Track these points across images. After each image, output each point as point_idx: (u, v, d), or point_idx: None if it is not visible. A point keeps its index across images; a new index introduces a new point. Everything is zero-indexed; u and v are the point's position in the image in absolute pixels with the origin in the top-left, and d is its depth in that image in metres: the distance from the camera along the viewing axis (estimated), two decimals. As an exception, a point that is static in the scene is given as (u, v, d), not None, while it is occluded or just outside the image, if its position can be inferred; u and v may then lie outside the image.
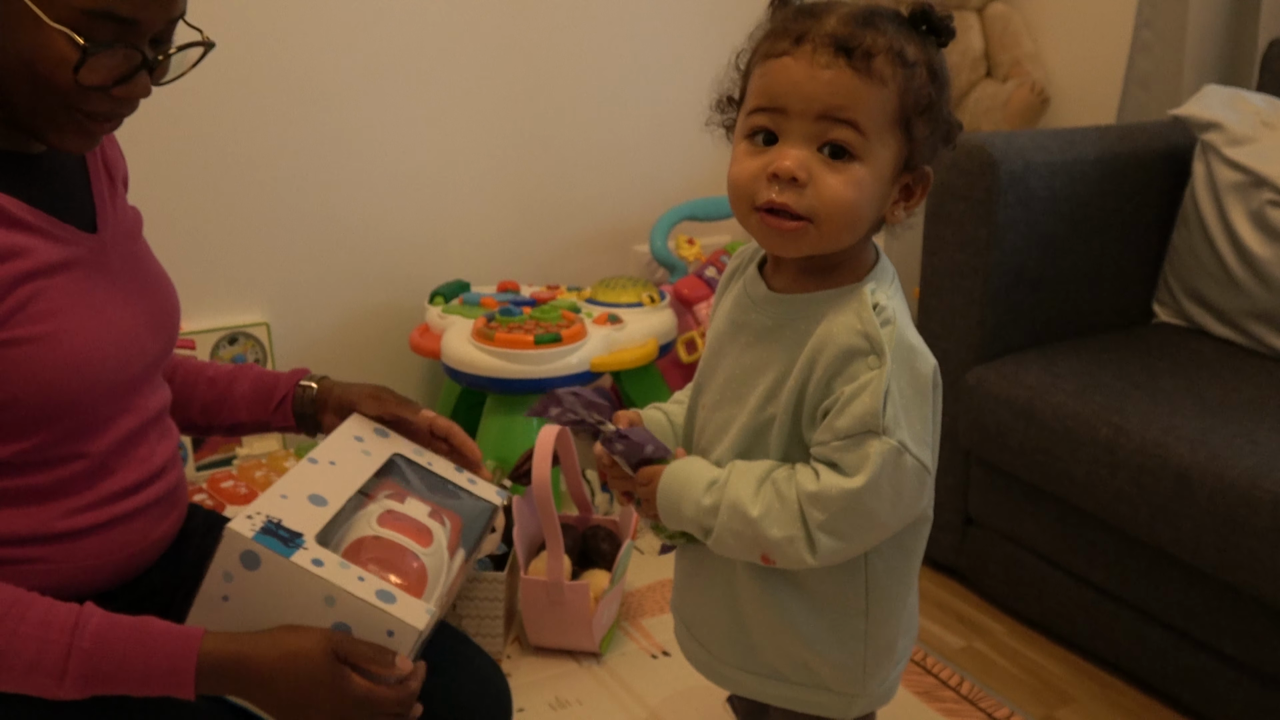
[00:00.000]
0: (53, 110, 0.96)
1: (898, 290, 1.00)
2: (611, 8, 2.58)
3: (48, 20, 0.91)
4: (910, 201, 0.98)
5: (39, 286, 0.97)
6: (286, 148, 2.29)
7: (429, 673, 1.15)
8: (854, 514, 0.95)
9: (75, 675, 0.93)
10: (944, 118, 0.96)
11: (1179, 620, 1.68)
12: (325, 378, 1.28)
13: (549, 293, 2.43)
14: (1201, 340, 2.00)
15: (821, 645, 1.04)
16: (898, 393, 0.93)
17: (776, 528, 0.96)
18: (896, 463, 0.94)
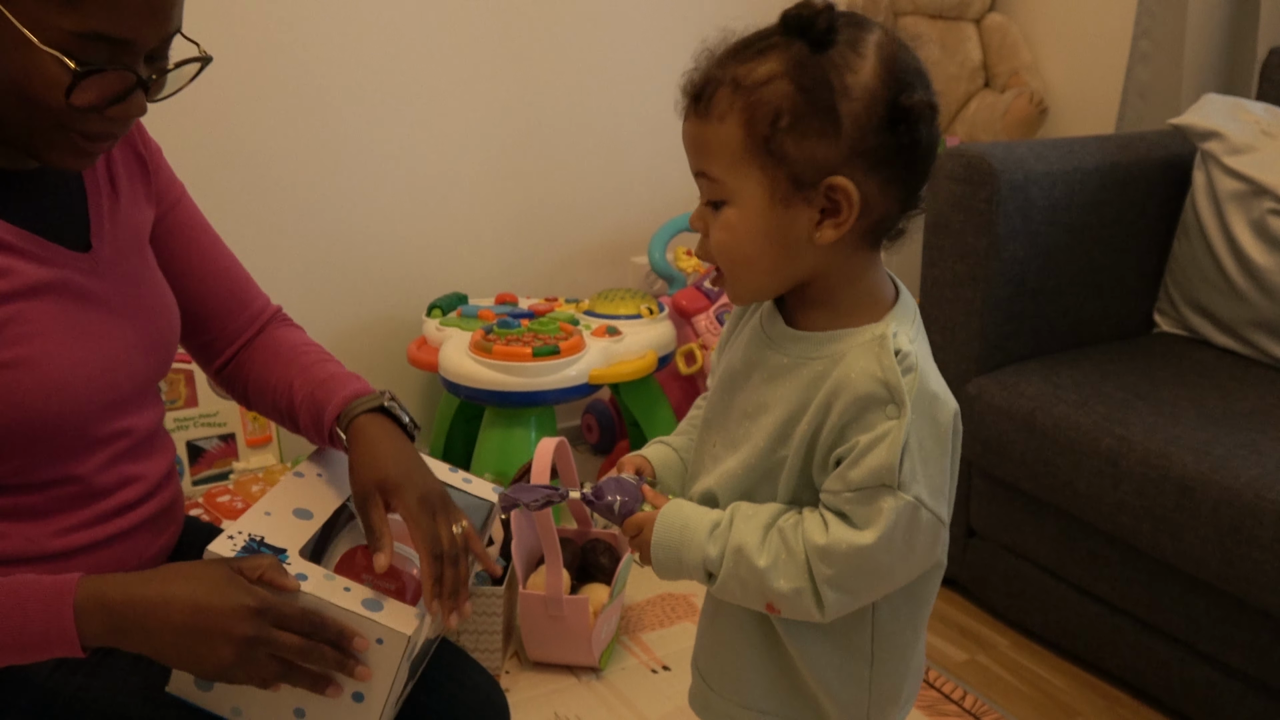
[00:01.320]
0: (47, 131, 0.95)
1: (920, 330, 0.94)
2: (610, 20, 2.58)
3: (38, 43, 0.89)
4: (838, 219, 0.88)
5: (19, 309, 0.96)
6: (283, 160, 2.29)
7: (427, 690, 1.15)
8: (863, 570, 0.91)
9: None
10: (831, 121, 0.86)
11: (1183, 632, 1.67)
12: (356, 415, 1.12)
13: (547, 305, 2.42)
14: (1203, 350, 1.99)
15: (827, 687, 1.00)
16: (917, 446, 0.88)
17: (784, 580, 0.92)
18: (911, 519, 0.89)
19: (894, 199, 0.90)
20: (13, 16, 0.88)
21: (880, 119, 0.85)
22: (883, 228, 0.92)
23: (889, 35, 0.88)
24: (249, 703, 1.01)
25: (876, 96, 0.85)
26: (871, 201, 0.88)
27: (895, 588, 0.96)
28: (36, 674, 1.00)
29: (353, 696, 1.00)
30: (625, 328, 2.30)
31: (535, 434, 2.18)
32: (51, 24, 0.89)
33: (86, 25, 0.89)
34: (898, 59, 0.87)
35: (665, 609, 2.05)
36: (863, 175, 0.87)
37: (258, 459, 2.23)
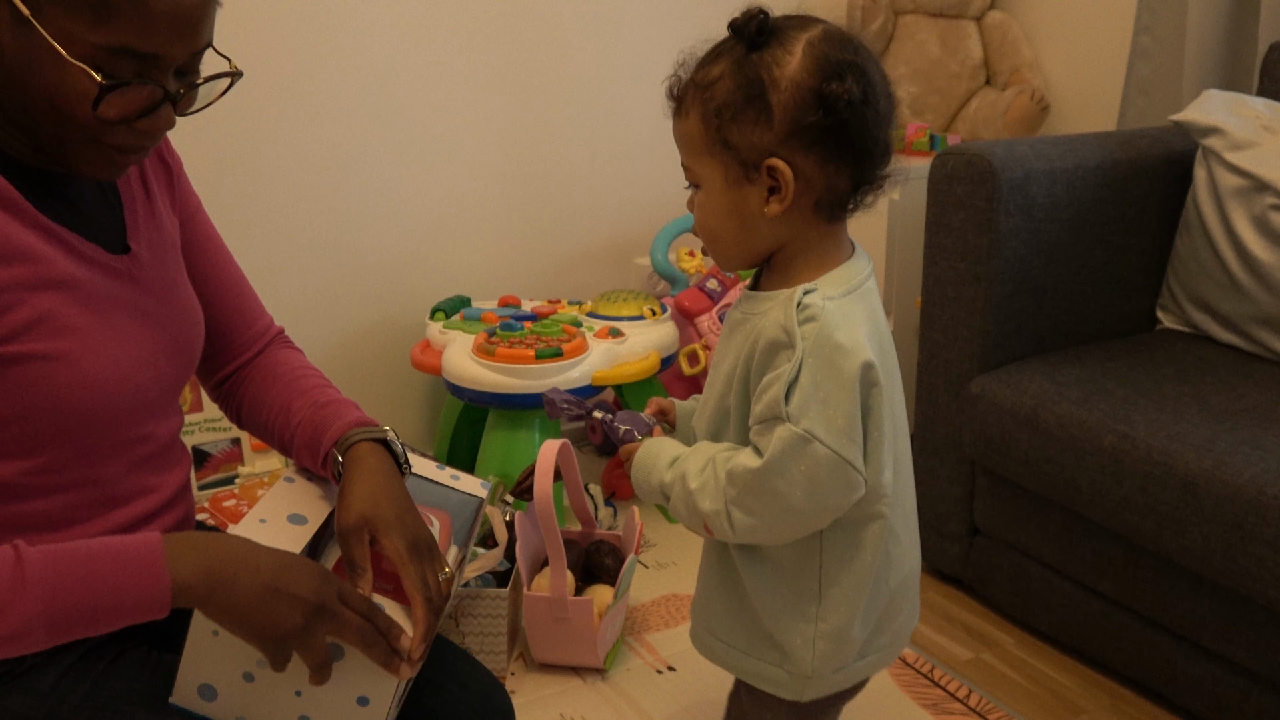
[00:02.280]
0: (76, 143, 0.96)
1: (858, 296, 1.07)
2: (611, 22, 2.58)
3: (67, 57, 0.90)
4: (780, 194, 1.02)
5: (59, 302, 0.96)
6: (286, 165, 2.30)
7: (433, 692, 1.15)
8: (759, 493, 1.04)
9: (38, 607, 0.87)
10: (764, 111, 1.00)
11: (1188, 629, 1.67)
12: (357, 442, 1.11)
13: (550, 307, 2.42)
14: (1206, 346, 1.99)
15: (778, 621, 1.12)
16: (810, 384, 1.01)
17: (708, 501, 1.07)
18: (803, 450, 1.01)
19: (836, 175, 1.03)
20: (43, 29, 0.90)
21: (806, 105, 0.99)
22: (831, 201, 1.05)
23: (825, 33, 1.02)
24: (254, 710, 1.01)
25: (802, 86, 0.99)
26: (811, 178, 1.02)
27: (811, 522, 1.07)
28: (43, 680, 1.00)
29: (358, 701, 1.00)
30: (628, 329, 2.30)
31: (539, 436, 2.18)
32: (81, 38, 0.90)
33: (116, 40, 0.90)
34: (825, 54, 1.00)
35: (670, 609, 2.05)
36: (799, 156, 1.01)
37: (263, 463, 2.24)
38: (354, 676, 1.00)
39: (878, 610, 1.14)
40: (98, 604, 0.88)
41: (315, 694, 1.00)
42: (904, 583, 1.17)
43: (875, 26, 2.81)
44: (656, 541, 2.28)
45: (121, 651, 1.05)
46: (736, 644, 1.16)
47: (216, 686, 1.00)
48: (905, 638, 1.21)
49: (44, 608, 0.86)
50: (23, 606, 0.86)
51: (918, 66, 2.78)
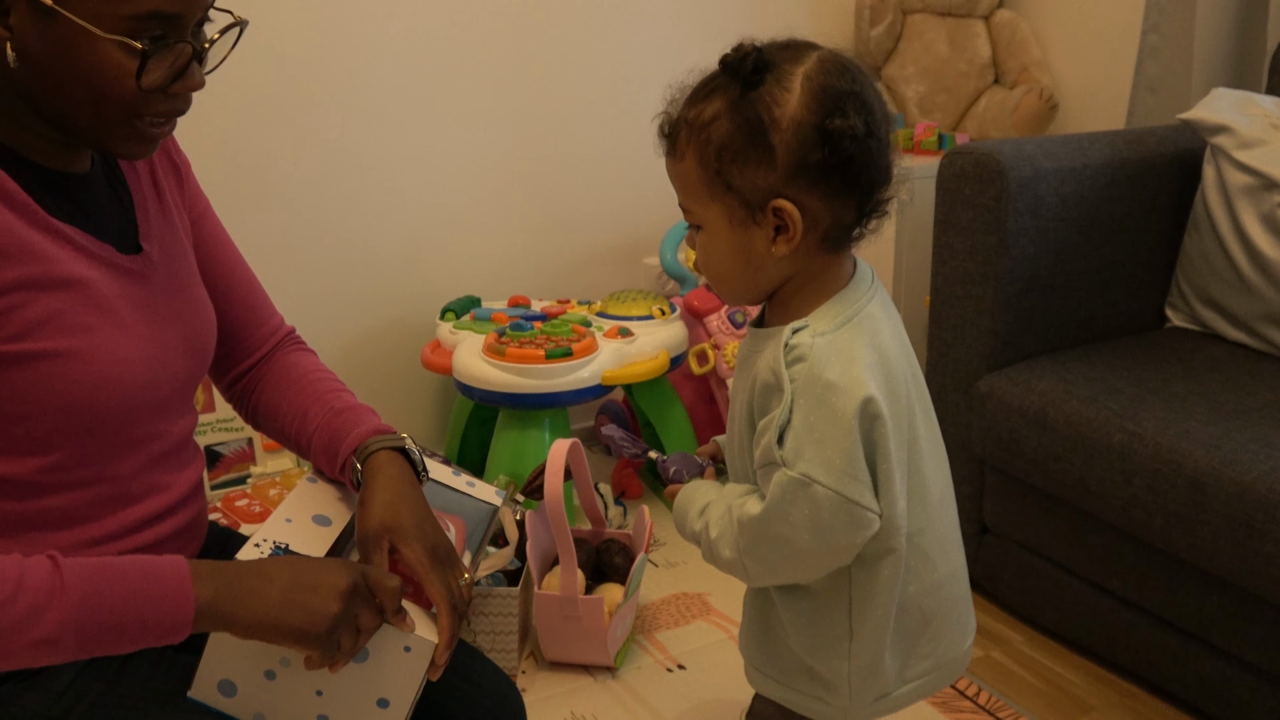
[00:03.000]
0: (114, 123, 0.97)
1: (854, 327, 1.03)
2: (620, 22, 2.59)
3: (101, 34, 0.92)
4: (788, 234, 1.00)
5: (71, 300, 0.97)
6: (296, 165, 2.31)
7: (444, 690, 1.16)
8: (764, 540, 1.03)
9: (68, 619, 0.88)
10: (766, 151, 0.97)
11: (1197, 627, 1.67)
12: (375, 451, 1.12)
13: (559, 307, 2.43)
14: (1215, 344, 1.99)
15: (814, 656, 1.11)
16: (803, 426, 0.99)
17: (727, 549, 1.07)
18: (803, 494, 0.99)
19: (843, 209, 1.01)
20: (72, 15, 0.91)
21: (809, 142, 0.97)
22: (838, 233, 1.03)
23: (820, 64, 0.98)
24: (274, 709, 1.02)
25: (804, 124, 0.97)
26: (818, 214, 1.00)
27: (827, 561, 1.05)
28: (58, 680, 1.01)
29: (378, 703, 1.01)
30: (637, 329, 2.31)
31: (549, 435, 2.19)
32: (109, 13, 0.92)
33: (143, 7, 0.93)
34: (824, 87, 0.97)
35: (680, 608, 2.06)
36: (804, 193, 0.99)
37: (274, 463, 2.25)
38: (376, 678, 1.01)
39: (908, 638, 1.12)
40: (125, 619, 0.89)
41: (336, 694, 1.00)
42: (945, 604, 1.14)
43: (883, 26, 2.82)
44: (666, 540, 2.29)
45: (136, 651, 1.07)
46: (778, 676, 1.16)
47: (237, 683, 1.01)
48: (956, 661, 1.18)
49: (78, 614, 0.87)
50: (60, 610, 0.87)
51: (926, 65, 2.78)
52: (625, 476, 2.48)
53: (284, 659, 1.00)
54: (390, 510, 1.06)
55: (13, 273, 0.93)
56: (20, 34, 0.93)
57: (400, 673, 1.00)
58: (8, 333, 0.93)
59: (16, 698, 0.99)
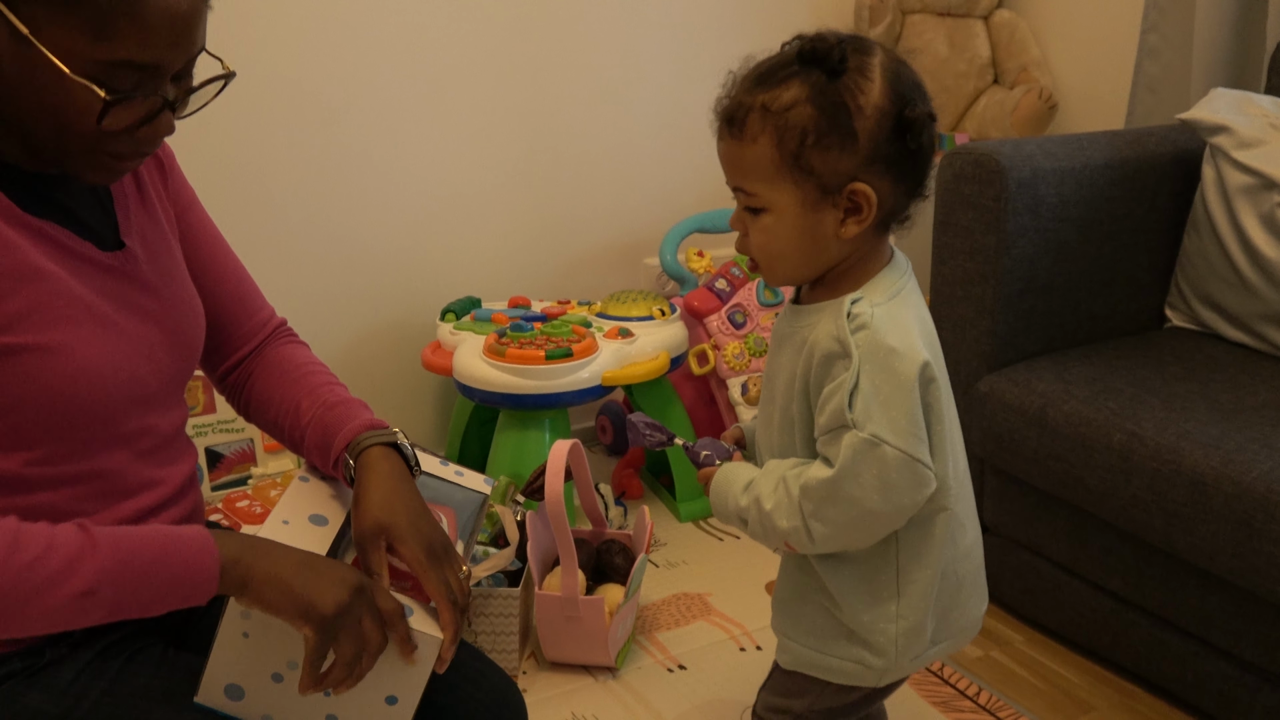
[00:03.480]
0: (76, 152, 0.97)
1: (902, 299, 1.10)
2: (619, 23, 2.59)
3: (69, 74, 0.91)
4: (859, 216, 1.06)
5: (50, 296, 0.97)
6: (296, 166, 2.31)
7: (446, 690, 1.16)
8: (836, 502, 1.07)
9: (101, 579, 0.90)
10: (849, 137, 1.03)
11: (1197, 627, 1.67)
12: (368, 447, 1.12)
13: (559, 308, 2.43)
14: (1214, 344, 1.99)
15: (860, 619, 1.16)
16: (870, 389, 1.04)
17: (784, 519, 1.11)
18: (872, 454, 1.05)
19: (906, 192, 1.08)
20: (42, 47, 0.90)
21: (889, 130, 1.03)
22: (893, 217, 1.10)
23: (889, 56, 1.05)
24: (281, 710, 1.02)
25: (885, 112, 1.03)
26: (885, 199, 1.06)
27: (888, 522, 1.10)
28: (61, 677, 1.02)
29: (386, 700, 1.02)
30: (637, 329, 2.31)
31: (549, 436, 2.19)
32: (82, 54, 0.91)
33: (116, 54, 0.91)
34: (900, 77, 1.04)
35: (680, 609, 2.06)
36: (878, 178, 1.05)
37: (275, 464, 2.25)
38: (383, 676, 1.01)
39: (946, 599, 1.18)
40: (155, 574, 0.93)
41: (343, 695, 1.00)
42: (973, 570, 1.22)
43: (883, 26, 2.82)
44: (667, 541, 2.29)
45: (138, 649, 1.07)
46: (816, 645, 1.20)
47: (244, 686, 1.01)
48: (976, 623, 1.26)
49: (112, 566, 0.91)
50: (95, 562, 0.90)
51: (925, 66, 2.78)
52: (625, 477, 2.49)
53: (291, 662, 1.00)
54: (385, 509, 1.06)
55: None
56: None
57: (406, 670, 1.01)
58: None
59: (20, 695, 1.00)
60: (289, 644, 0.99)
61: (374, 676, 1.00)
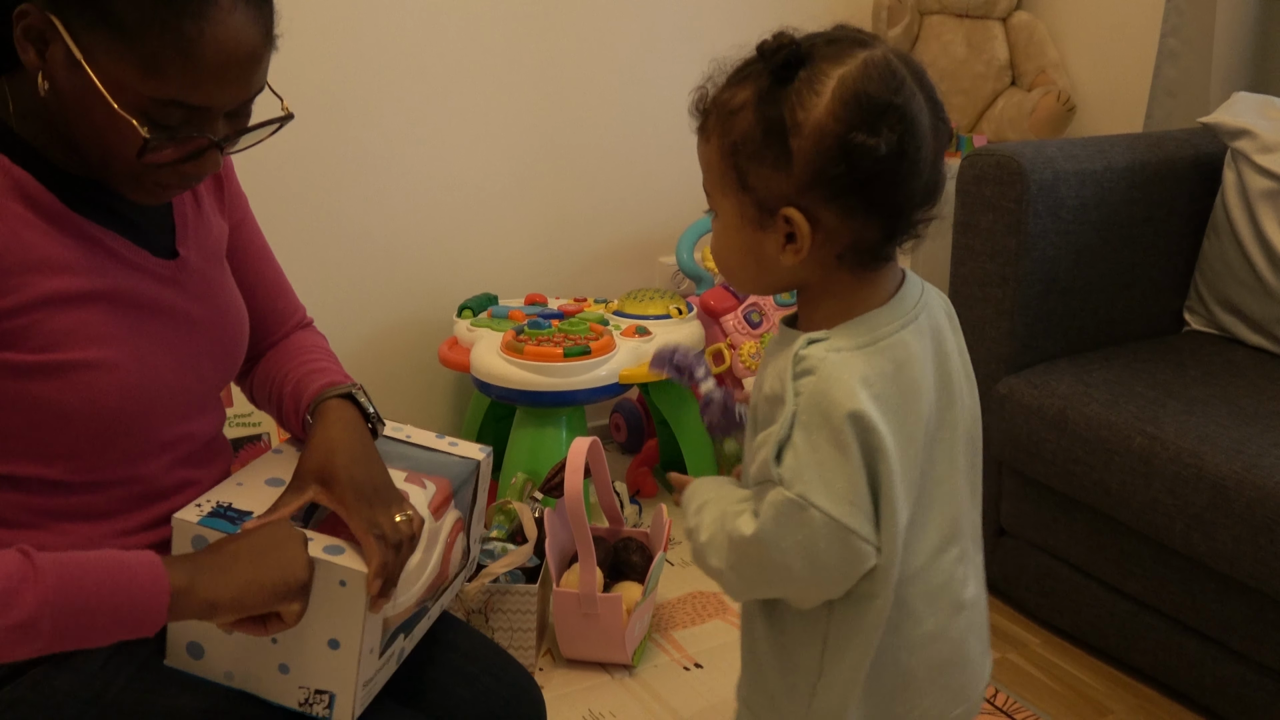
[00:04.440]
0: (121, 175, 0.98)
1: (879, 350, 0.93)
2: (637, 21, 2.59)
3: (116, 106, 0.91)
4: (795, 245, 0.91)
5: (102, 309, 0.98)
6: (313, 163, 2.31)
7: (465, 684, 1.17)
8: (753, 561, 0.94)
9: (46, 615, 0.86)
10: (784, 155, 0.88)
11: (1216, 631, 1.67)
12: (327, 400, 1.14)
13: (576, 305, 2.43)
14: (1234, 348, 1.99)
15: (782, 687, 1.02)
16: (806, 446, 0.89)
17: (714, 557, 0.98)
18: (797, 517, 0.89)
19: (864, 228, 0.91)
20: (95, 76, 0.91)
21: (830, 154, 0.87)
22: (859, 253, 0.92)
23: (864, 67, 0.88)
24: (239, 663, 1.04)
25: (827, 133, 0.87)
26: (834, 231, 0.90)
27: (817, 592, 0.95)
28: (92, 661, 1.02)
29: (328, 643, 1.02)
30: (654, 328, 2.31)
31: (566, 433, 2.20)
32: (131, 87, 0.91)
33: (165, 93, 0.92)
34: (859, 95, 0.87)
35: (697, 607, 2.06)
36: (821, 207, 0.89)
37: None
38: (321, 620, 1.01)
39: (885, 692, 0.99)
40: (100, 606, 0.88)
41: (287, 640, 1.01)
42: (931, 666, 1.01)
43: (901, 27, 2.82)
44: (683, 540, 2.29)
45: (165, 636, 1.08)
46: (746, 697, 1.08)
47: (202, 644, 1.03)
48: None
49: (54, 598, 0.85)
50: (35, 593, 0.85)
51: (943, 67, 2.78)
52: (639, 476, 2.49)
53: None
54: (322, 454, 1.06)
55: (43, 287, 0.94)
56: (51, 68, 0.93)
57: (341, 611, 1.01)
58: (36, 344, 0.94)
59: (51, 679, 1.01)
60: None
61: (312, 622, 1.00)
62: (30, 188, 0.95)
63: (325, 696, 1.03)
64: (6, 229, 0.92)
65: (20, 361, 0.93)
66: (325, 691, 1.03)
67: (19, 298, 0.93)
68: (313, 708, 1.03)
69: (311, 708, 1.03)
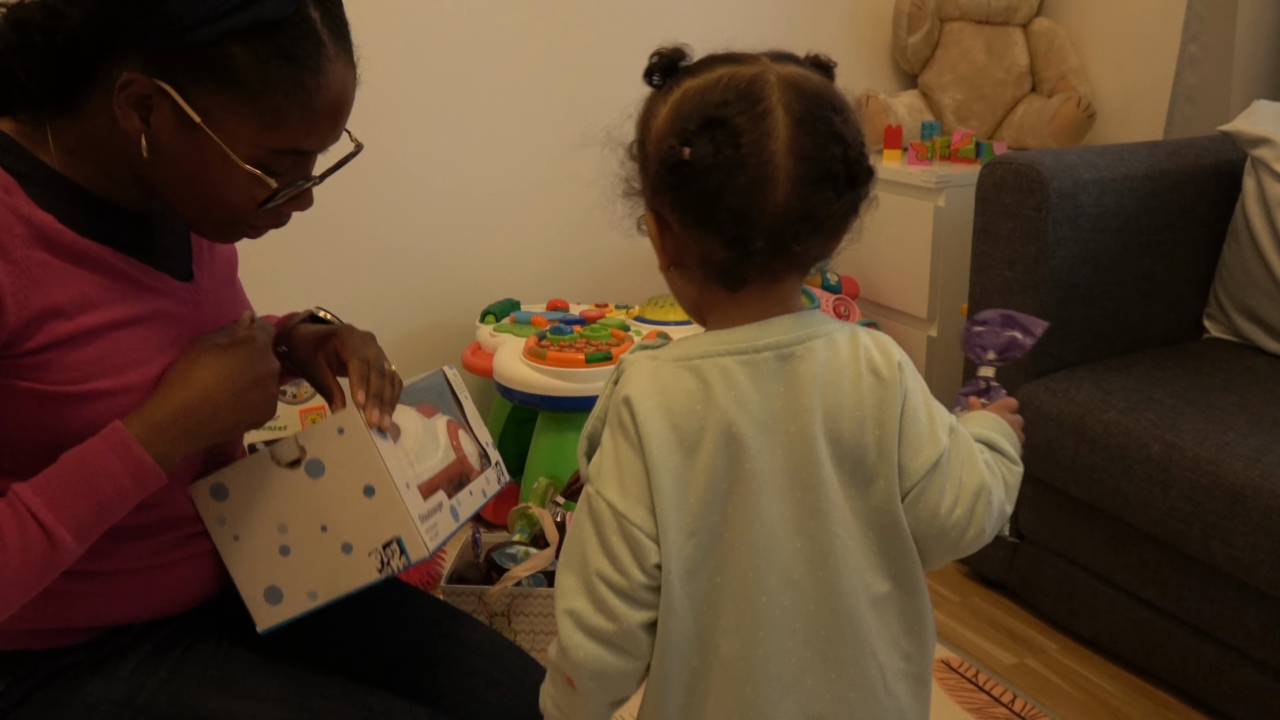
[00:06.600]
0: (220, 222, 1.03)
1: (685, 368, 0.88)
2: (657, 25, 2.61)
3: (237, 160, 0.96)
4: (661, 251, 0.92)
5: (127, 336, 1.00)
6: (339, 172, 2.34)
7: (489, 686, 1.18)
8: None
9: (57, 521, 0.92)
10: (644, 157, 0.91)
11: (1234, 638, 1.67)
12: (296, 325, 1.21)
13: (598, 311, 2.45)
14: (1254, 356, 1.99)
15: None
16: (611, 447, 0.88)
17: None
18: (593, 509, 0.87)
19: (705, 240, 0.87)
20: (214, 134, 0.95)
21: (658, 160, 0.87)
22: (712, 268, 0.88)
23: (707, 83, 0.89)
24: (311, 577, 1.06)
25: (660, 143, 0.88)
26: (684, 243, 0.89)
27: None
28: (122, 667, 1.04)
29: (364, 493, 1.03)
30: (675, 333, 2.33)
31: (587, 438, 2.21)
32: (249, 140, 0.96)
33: (284, 143, 0.97)
34: (684, 105, 0.88)
35: (716, 611, 2.07)
36: (667, 212, 0.88)
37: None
38: (345, 481, 1.03)
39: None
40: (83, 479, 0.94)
41: (336, 518, 1.03)
42: None
43: (921, 33, 2.83)
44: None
45: (195, 640, 1.10)
46: None
47: (274, 583, 1.07)
48: None
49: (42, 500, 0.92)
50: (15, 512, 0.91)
51: (963, 73, 2.79)
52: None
53: (280, 524, 1.05)
54: (312, 335, 1.16)
55: (66, 327, 0.96)
56: (157, 131, 0.96)
57: (355, 456, 1.03)
58: (63, 377, 0.96)
59: (82, 683, 1.03)
60: (263, 507, 1.05)
61: (338, 489, 1.03)
62: (51, 231, 0.96)
63: (394, 545, 1.03)
64: (31, 280, 0.94)
65: (46, 391, 0.95)
66: (390, 542, 1.03)
67: (44, 339, 0.95)
68: (391, 563, 1.03)
69: (390, 564, 1.03)
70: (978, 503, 0.92)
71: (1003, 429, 1.02)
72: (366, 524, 1.03)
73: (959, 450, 0.92)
